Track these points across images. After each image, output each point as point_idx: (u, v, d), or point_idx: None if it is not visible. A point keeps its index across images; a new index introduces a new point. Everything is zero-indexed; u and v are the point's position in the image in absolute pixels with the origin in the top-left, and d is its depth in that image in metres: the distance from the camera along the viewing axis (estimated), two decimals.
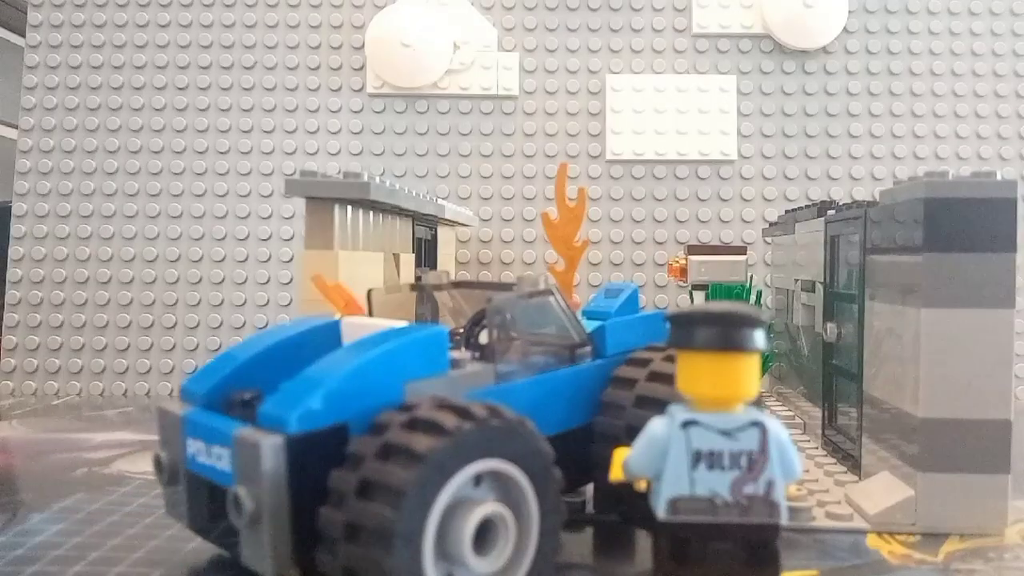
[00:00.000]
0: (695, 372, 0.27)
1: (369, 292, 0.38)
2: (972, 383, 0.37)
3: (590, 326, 0.38)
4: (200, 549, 0.35)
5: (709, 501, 0.27)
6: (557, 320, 0.36)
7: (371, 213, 0.49)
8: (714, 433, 0.27)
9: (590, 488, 0.39)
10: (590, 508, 0.39)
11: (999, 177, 0.38)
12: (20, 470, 0.50)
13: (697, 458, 0.27)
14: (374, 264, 0.50)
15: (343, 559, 0.25)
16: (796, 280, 0.61)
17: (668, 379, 0.34)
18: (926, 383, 0.38)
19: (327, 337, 0.33)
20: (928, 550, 0.36)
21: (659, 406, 0.33)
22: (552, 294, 0.36)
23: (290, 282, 0.78)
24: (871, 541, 0.37)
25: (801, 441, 0.55)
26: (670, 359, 0.35)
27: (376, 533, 0.24)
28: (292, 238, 0.78)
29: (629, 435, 0.33)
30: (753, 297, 0.67)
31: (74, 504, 0.42)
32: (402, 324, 0.32)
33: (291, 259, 0.78)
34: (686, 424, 0.27)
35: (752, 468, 0.27)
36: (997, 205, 0.37)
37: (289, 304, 0.77)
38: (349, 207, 0.45)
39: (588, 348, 0.37)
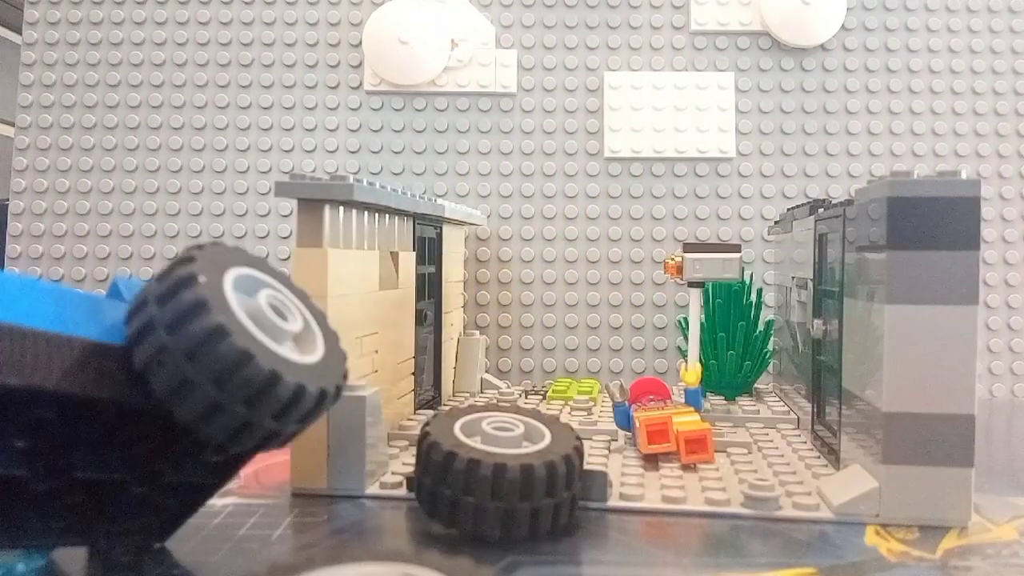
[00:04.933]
0: None
1: None
2: (936, 378, 0.38)
3: None
4: (200, 550, 0.35)
5: None
6: None
7: (365, 213, 0.50)
8: None
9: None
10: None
11: (963, 176, 0.38)
12: None
13: None
14: (368, 262, 0.50)
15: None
16: (792, 277, 0.62)
17: None
18: (889, 378, 0.39)
19: None
20: (926, 547, 0.36)
21: None
22: None
23: None
24: (869, 538, 0.37)
25: (791, 436, 0.56)
26: None
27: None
28: (289, 236, 0.78)
29: None
30: (754, 296, 0.67)
31: None
32: None
33: (288, 256, 0.78)
34: None
35: None
36: (960, 203, 0.38)
37: None
38: (341, 207, 0.46)
39: None
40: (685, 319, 0.72)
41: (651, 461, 0.49)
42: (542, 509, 0.35)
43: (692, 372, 0.54)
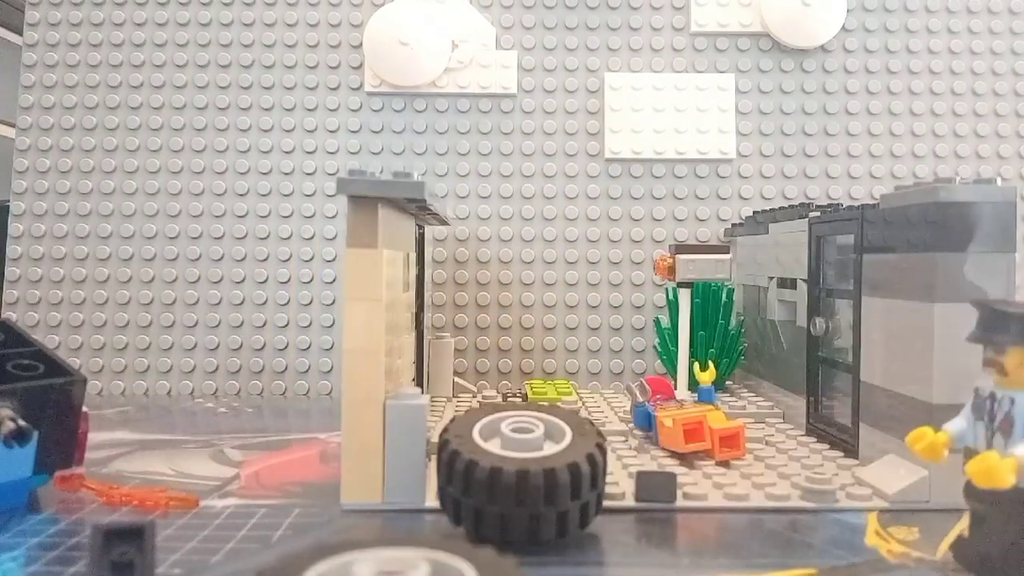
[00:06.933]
0: None
1: None
2: (981, 371, 0.40)
3: None
4: (200, 550, 0.35)
5: None
6: None
7: (394, 212, 0.49)
8: None
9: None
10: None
11: (999, 183, 0.42)
12: None
13: None
14: (397, 264, 0.49)
15: None
16: (770, 278, 0.64)
17: None
18: (939, 372, 0.42)
19: None
20: (926, 548, 0.36)
21: None
22: None
23: (288, 280, 0.77)
24: (870, 539, 0.37)
25: (786, 429, 0.57)
26: None
27: None
28: (290, 237, 0.78)
29: None
30: (724, 295, 0.69)
31: (72, 504, 0.42)
32: None
33: (289, 257, 0.78)
34: None
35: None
36: (1000, 208, 0.42)
37: (288, 303, 0.77)
38: (388, 206, 0.45)
39: None
40: (658, 319, 0.73)
41: (684, 459, 0.48)
42: (542, 516, 0.35)
43: (708, 372, 0.55)
